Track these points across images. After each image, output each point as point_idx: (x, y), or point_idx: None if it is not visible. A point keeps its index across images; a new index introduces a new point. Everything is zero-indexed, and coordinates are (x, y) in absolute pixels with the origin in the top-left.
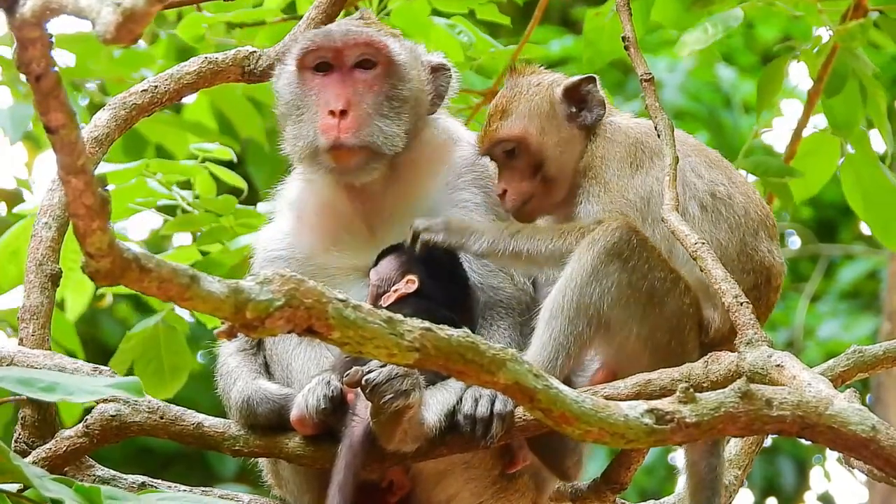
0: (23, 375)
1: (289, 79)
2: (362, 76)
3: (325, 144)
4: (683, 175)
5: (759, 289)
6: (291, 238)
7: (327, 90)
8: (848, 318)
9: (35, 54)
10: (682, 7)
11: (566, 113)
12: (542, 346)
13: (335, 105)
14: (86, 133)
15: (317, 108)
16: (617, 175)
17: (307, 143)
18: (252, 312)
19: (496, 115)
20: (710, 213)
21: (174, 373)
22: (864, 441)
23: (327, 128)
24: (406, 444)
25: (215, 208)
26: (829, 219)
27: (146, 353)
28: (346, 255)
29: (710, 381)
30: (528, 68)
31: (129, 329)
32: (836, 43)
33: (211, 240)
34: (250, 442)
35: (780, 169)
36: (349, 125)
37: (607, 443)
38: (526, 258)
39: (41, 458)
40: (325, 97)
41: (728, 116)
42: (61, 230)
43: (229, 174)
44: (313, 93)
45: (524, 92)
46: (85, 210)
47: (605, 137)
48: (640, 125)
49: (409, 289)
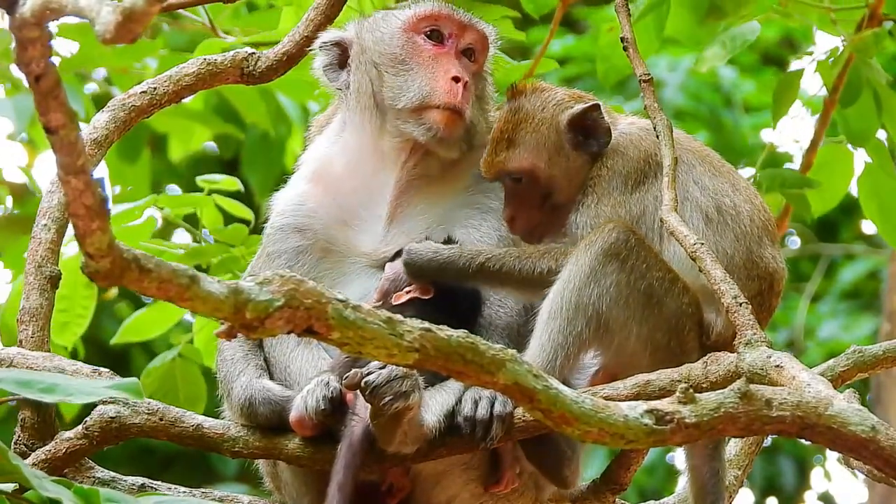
0: (22, 377)
1: (395, 33)
2: (468, 65)
3: (445, 103)
4: (687, 189)
5: (762, 294)
6: (312, 204)
7: (446, 59)
8: (848, 318)
9: (35, 54)
10: (696, 20)
11: (573, 142)
12: (540, 346)
13: (461, 74)
14: (85, 135)
15: (433, 70)
16: (618, 190)
17: (421, 95)
18: (252, 313)
19: (502, 142)
20: (716, 225)
21: (191, 404)
22: (864, 441)
23: (451, 89)
24: (406, 446)
25: (225, 239)
26: (830, 219)
27: (163, 386)
28: (360, 236)
29: (710, 382)
30: (529, 87)
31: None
32: (851, 53)
33: (223, 270)
34: (250, 443)
35: (798, 180)
36: (467, 98)
37: (607, 443)
38: (511, 281)
39: (41, 460)
40: (446, 64)
41: (728, 116)
42: (60, 231)
43: (236, 205)
44: (428, 56)
45: (529, 120)
46: (85, 210)
47: (615, 150)
48: (650, 136)
49: (423, 294)
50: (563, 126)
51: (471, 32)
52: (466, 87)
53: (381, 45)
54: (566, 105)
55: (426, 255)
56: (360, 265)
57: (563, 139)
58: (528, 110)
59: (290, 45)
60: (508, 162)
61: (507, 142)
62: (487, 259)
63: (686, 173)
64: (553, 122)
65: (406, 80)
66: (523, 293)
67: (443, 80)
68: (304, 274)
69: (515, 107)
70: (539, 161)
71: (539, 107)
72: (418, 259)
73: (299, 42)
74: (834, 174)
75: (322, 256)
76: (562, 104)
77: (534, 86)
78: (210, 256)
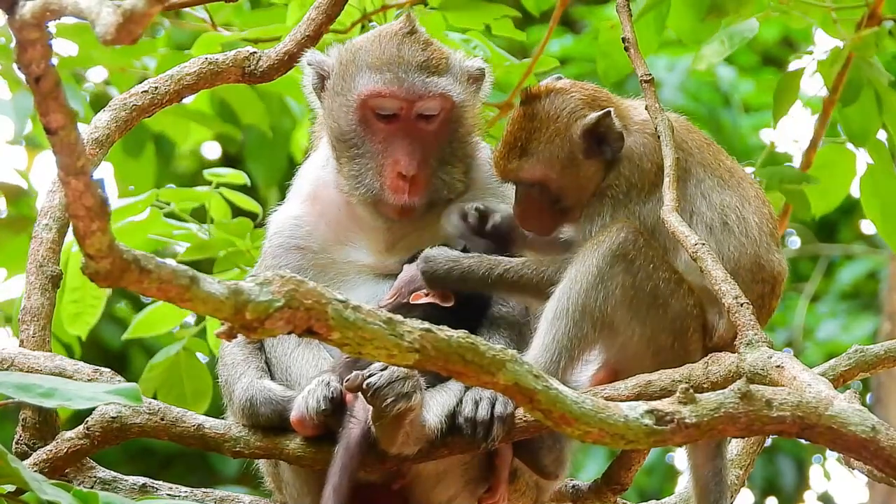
0: (21, 381)
1: (346, 111)
2: (426, 126)
3: (394, 203)
4: (694, 204)
5: (763, 297)
6: (309, 227)
7: (394, 145)
8: (847, 318)
9: (35, 55)
10: (697, 18)
11: (586, 151)
12: (544, 347)
13: (406, 169)
14: (86, 134)
15: (383, 160)
16: (633, 201)
17: (371, 192)
18: (252, 313)
19: (515, 150)
20: (720, 234)
21: (196, 398)
22: (864, 442)
23: (397, 188)
24: (408, 447)
25: (230, 232)
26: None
27: (168, 380)
28: (362, 251)
29: (711, 382)
30: (544, 90)
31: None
32: (851, 52)
33: (228, 265)
34: (251, 443)
35: (797, 177)
36: (418, 187)
37: (607, 443)
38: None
39: (42, 460)
40: (394, 154)
41: (727, 116)
42: (62, 231)
43: (243, 199)
44: (377, 140)
45: (543, 130)
46: (85, 211)
47: (630, 159)
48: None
49: (443, 302)
50: (576, 137)
51: (423, 101)
52: (416, 181)
53: (336, 121)
54: (580, 114)
55: (445, 264)
56: (364, 275)
57: (576, 149)
58: (542, 118)
59: (292, 44)
60: (520, 171)
61: (521, 150)
62: (506, 270)
63: (695, 187)
64: (567, 134)
65: (356, 170)
66: (541, 302)
67: (390, 178)
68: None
69: (530, 112)
70: (551, 172)
71: (553, 115)
72: (438, 267)
73: (301, 41)
74: (835, 174)
75: (322, 270)
76: (575, 112)
77: (548, 88)
78: (216, 250)
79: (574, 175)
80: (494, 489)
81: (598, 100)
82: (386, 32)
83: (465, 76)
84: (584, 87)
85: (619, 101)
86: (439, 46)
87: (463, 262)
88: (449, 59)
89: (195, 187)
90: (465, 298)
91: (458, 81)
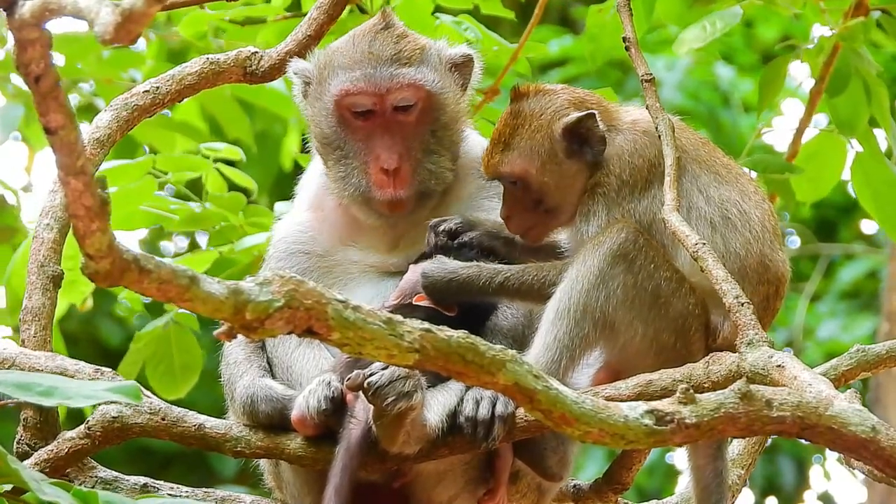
0: (21, 379)
1: (325, 114)
2: (405, 118)
3: (381, 199)
4: (690, 199)
5: (768, 299)
6: (312, 232)
7: (374, 141)
8: (847, 318)
9: (34, 55)
10: (685, 4)
11: (567, 150)
12: (545, 347)
13: (388, 163)
14: (87, 134)
15: (365, 157)
16: (627, 199)
17: (359, 191)
18: (252, 313)
19: (499, 144)
20: (724, 230)
21: (185, 372)
22: (864, 442)
23: (381, 183)
24: (409, 446)
25: (224, 207)
26: (829, 218)
27: (157, 353)
28: (366, 252)
29: (711, 382)
30: (532, 89)
31: (129, 329)
32: (838, 42)
33: (221, 239)
34: (252, 443)
35: (781, 166)
36: (403, 180)
37: (607, 443)
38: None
39: (43, 460)
40: (374, 150)
41: (727, 115)
42: (63, 231)
43: (238, 174)
44: (357, 138)
45: (526, 126)
46: (84, 211)
47: (620, 157)
48: (655, 141)
49: (447, 312)
50: (557, 135)
51: (393, 93)
52: (399, 173)
53: (318, 126)
54: (563, 113)
55: (444, 277)
56: (369, 275)
57: (557, 147)
58: (527, 115)
59: (293, 44)
60: (502, 165)
61: (504, 145)
62: (507, 278)
63: (690, 182)
64: (548, 130)
65: (342, 171)
66: (544, 305)
67: (374, 174)
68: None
69: (516, 110)
70: (531, 167)
71: (537, 112)
72: (437, 281)
73: (302, 41)
74: (826, 163)
75: (327, 272)
76: (559, 112)
77: (536, 88)
78: (208, 223)
79: (555, 174)
80: (494, 491)
81: (586, 102)
82: (360, 31)
83: (446, 64)
84: (574, 91)
85: (609, 105)
86: (415, 38)
87: (461, 274)
88: (425, 50)
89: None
90: (469, 305)
91: (434, 70)
